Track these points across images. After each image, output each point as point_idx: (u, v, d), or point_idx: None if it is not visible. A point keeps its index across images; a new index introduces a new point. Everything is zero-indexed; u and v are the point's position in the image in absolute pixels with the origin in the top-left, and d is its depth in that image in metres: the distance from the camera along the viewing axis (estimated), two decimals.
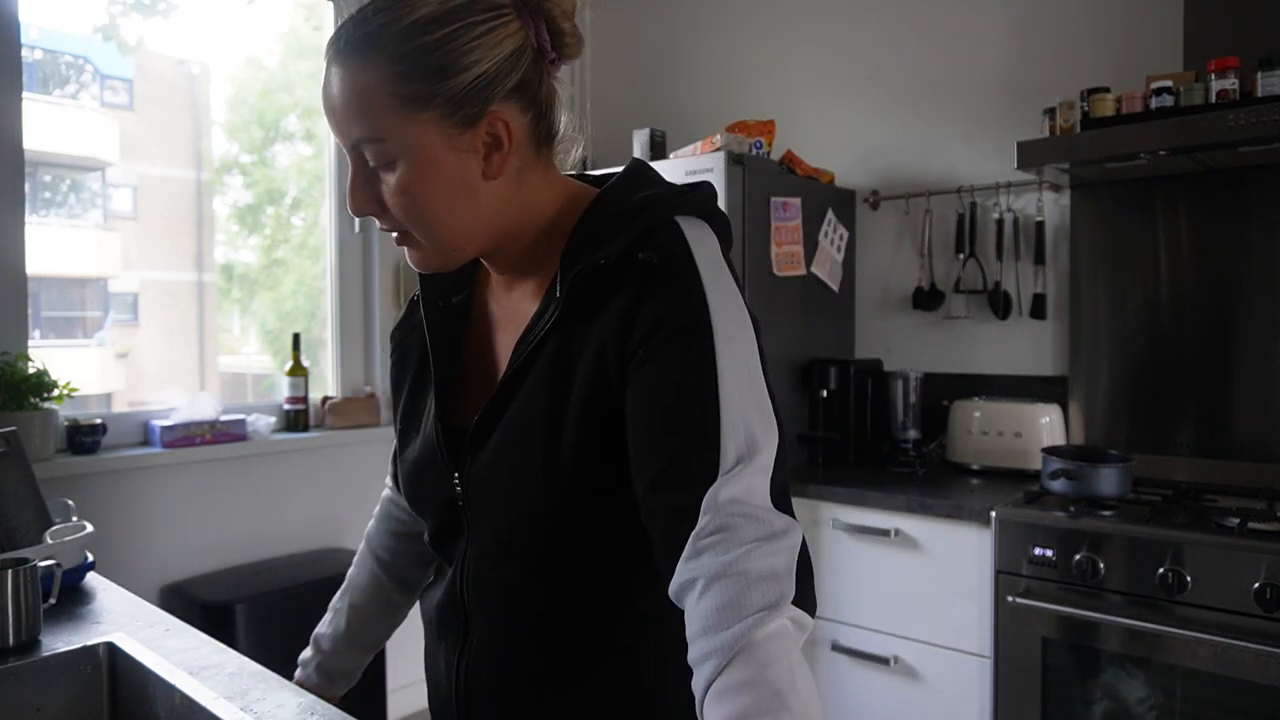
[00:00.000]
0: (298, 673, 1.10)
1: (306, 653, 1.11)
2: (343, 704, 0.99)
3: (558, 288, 0.77)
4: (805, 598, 0.67)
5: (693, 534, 0.66)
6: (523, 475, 0.78)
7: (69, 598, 1.27)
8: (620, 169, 0.86)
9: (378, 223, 0.79)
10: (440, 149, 0.74)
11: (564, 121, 0.83)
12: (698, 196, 0.81)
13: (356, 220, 2.88)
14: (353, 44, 0.73)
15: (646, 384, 0.71)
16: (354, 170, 0.77)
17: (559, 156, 0.85)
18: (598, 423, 0.74)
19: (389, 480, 1.10)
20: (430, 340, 0.88)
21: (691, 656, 0.66)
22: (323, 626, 1.11)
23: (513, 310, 0.87)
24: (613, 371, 0.73)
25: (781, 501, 0.69)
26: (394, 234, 0.80)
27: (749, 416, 0.70)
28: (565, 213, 0.83)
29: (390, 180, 0.75)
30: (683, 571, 0.67)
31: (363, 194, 0.77)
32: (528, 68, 0.76)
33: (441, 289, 0.91)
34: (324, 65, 0.75)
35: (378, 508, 1.12)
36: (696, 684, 0.65)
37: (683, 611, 0.68)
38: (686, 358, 0.70)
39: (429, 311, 0.90)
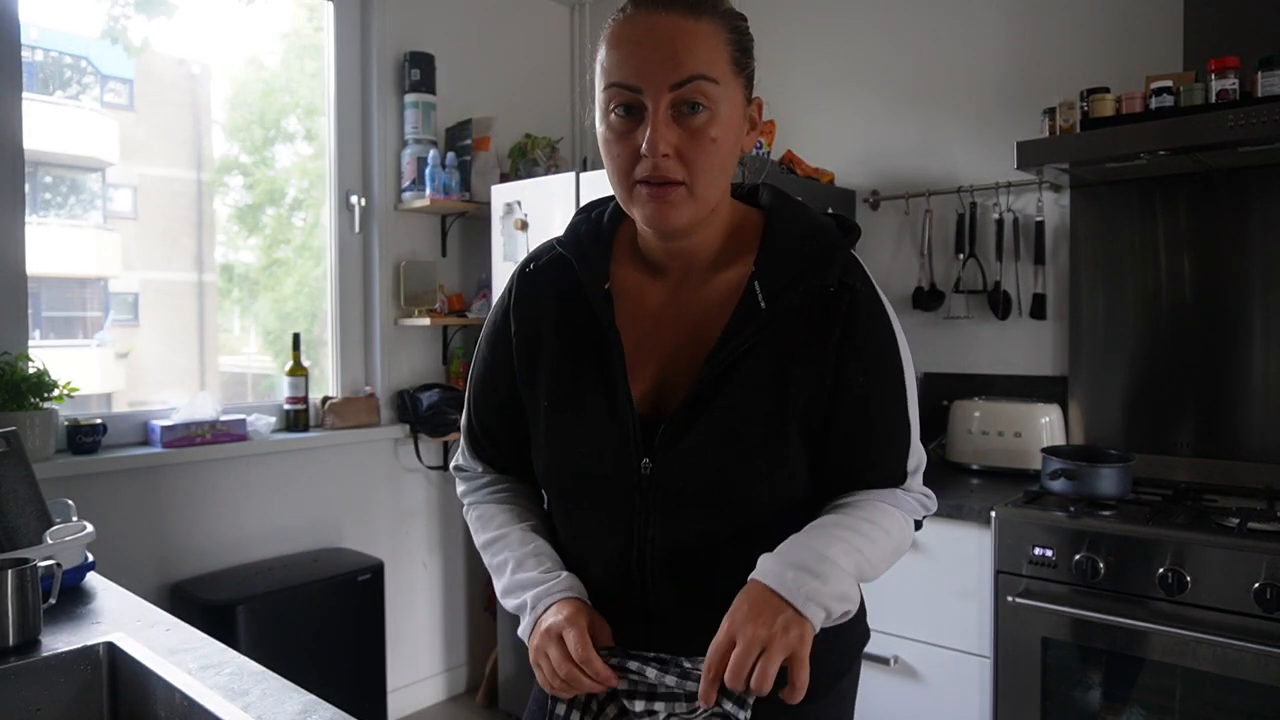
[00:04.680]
0: (558, 596, 0.91)
1: (556, 581, 0.93)
2: (342, 704, 0.99)
3: (759, 298, 0.89)
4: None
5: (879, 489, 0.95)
6: (737, 465, 0.89)
7: (69, 598, 1.27)
8: (757, 187, 1.02)
9: (651, 168, 0.85)
10: (739, 106, 0.90)
11: None
12: (856, 233, 0.96)
13: (357, 220, 2.88)
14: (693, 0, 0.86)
15: (861, 399, 0.90)
16: (661, 115, 0.85)
17: None
18: (808, 427, 0.90)
19: (467, 458, 1.09)
20: (606, 324, 0.93)
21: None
22: (548, 565, 0.95)
23: (686, 305, 0.95)
24: (829, 385, 0.90)
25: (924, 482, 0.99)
26: (664, 185, 0.86)
27: (917, 423, 0.95)
28: (735, 220, 0.97)
29: (697, 124, 0.85)
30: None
31: (669, 134, 0.85)
32: None
33: (596, 274, 0.96)
34: (639, 11, 0.86)
35: (470, 485, 1.08)
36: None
37: None
38: (889, 384, 0.92)
39: (594, 294, 0.94)
